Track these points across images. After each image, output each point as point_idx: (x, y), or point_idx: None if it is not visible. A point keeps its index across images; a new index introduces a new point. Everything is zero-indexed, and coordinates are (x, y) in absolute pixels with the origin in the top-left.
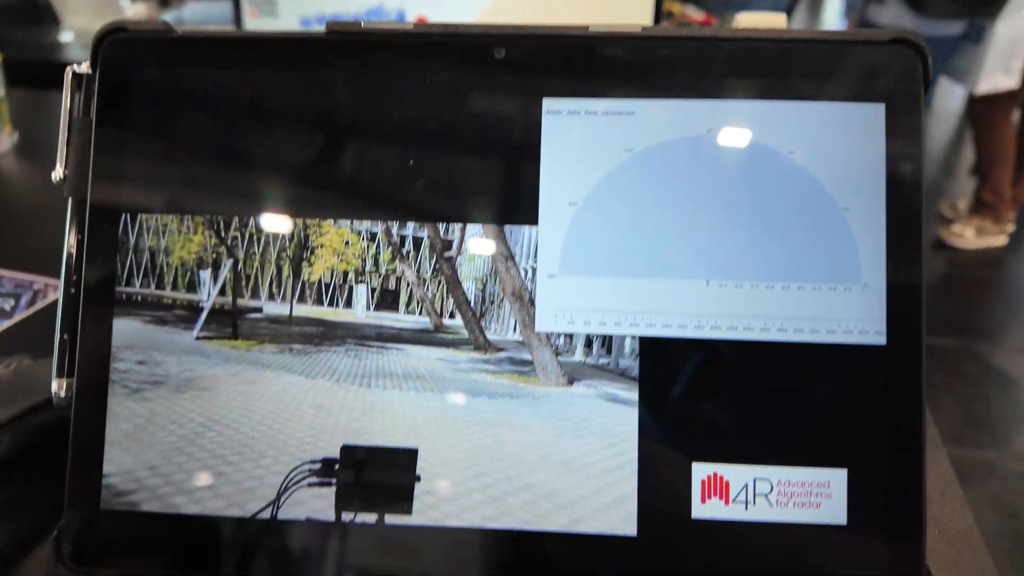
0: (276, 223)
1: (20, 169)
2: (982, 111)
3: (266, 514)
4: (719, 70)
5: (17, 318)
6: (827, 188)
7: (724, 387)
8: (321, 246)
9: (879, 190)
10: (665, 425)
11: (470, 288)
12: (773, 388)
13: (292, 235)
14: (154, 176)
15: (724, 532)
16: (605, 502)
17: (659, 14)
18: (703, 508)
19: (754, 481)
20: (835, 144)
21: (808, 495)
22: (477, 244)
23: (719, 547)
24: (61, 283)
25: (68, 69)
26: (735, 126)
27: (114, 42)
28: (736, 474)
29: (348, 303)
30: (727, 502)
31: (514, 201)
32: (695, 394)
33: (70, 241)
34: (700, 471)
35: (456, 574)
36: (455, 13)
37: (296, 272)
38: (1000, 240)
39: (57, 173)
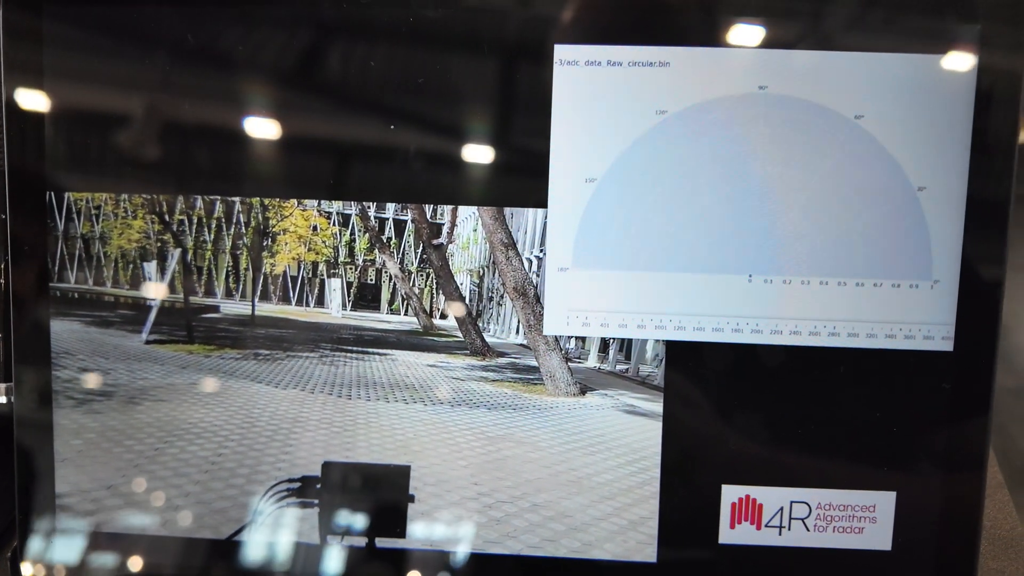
0: (229, 204)
1: None
2: None
3: (242, 537)
4: (775, 11)
5: None
6: (900, 163)
7: (763, 399)
8: (284, 232)
9: (962, 167)
10: (692, 441)
11: (464, 282)
12: (819, 401)
13: (249, 219)
14: (78, 143)
15: (754, 559)
16: (622, 525)
17: None
18: (732, 533)
19: (791, 504)
20: (912, 107)
21: (850, 519)
22: (471, 229)
23: (748, 575)
24: None
25: None
26: (792, 83)
27: None
28: (771, 497)
29: (320, 301)
30: (759, 527)
31: (517, 178)
32: (729, 406)
33: None
34: (730, 493)
35: None
36: None
37: (256, 264)
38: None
39: None
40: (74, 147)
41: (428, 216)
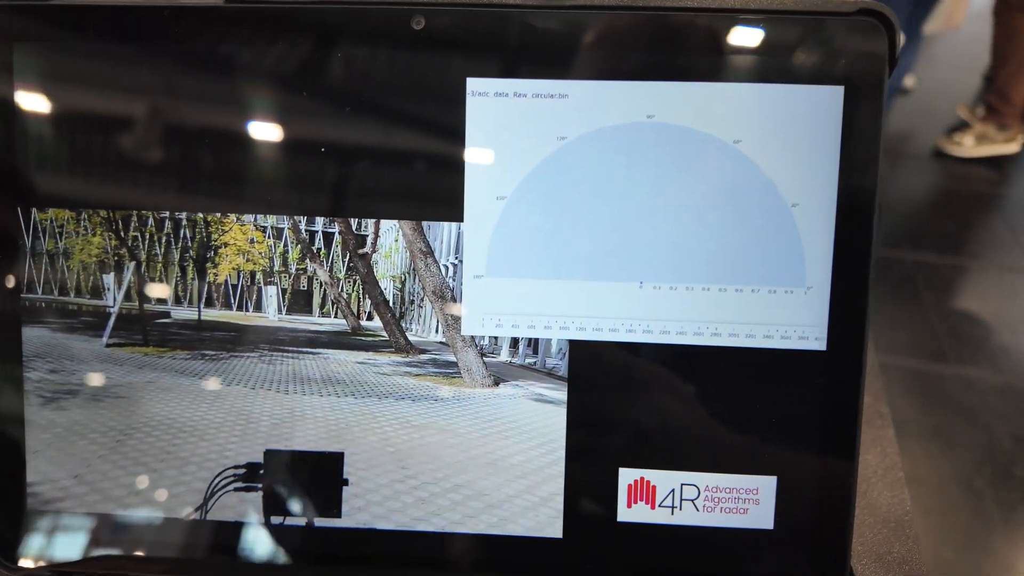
0: (176, 221)
1: None
2: (1000, 5)
3: (195, 517)
4: (661, 47)
5: None
6: (774, 182)
7: (654, 391)
8: (225, 245)
9: (831, 185)
10: (593, 427)
11: (388, 287)
12: (705, 394)
13: (194, 234)
14: (42, 164)
15: (649, 535)
16: (533, 501)
17: None
18: (629, 512)
19: (681, 487)
20: (785, 133)
21: (736, 501)
22: (393, 239)
23: (644, 550)
24: None
25: None
26: (677, 112)
27: None
28: (663, 479)
29: (258, 306)
30: (653, 506)
31: (436, 195)
32: (624, 397)
33: None
34: (627, 475)
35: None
36: None
37: (201, 273)
38: (1007, 148)
39: None
40: (42, 170)
41: (353, 228)
